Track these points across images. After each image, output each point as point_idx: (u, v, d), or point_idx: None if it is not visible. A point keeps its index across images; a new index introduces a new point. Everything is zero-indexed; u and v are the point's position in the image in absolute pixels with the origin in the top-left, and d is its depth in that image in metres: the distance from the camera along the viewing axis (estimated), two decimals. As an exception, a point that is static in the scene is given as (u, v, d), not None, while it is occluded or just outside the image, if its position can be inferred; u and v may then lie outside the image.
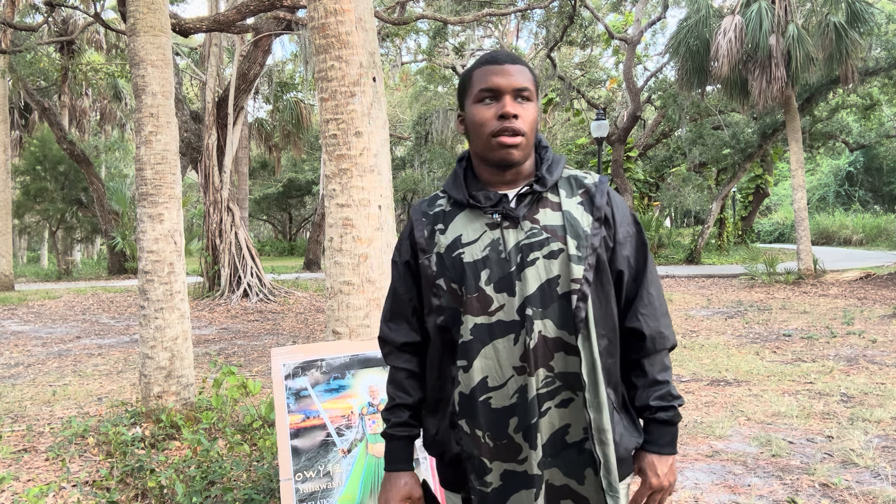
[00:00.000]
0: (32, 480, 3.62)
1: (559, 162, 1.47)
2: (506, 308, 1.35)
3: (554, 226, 1.38)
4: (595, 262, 1.37)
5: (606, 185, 1.46)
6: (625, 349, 1.47)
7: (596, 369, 1.34)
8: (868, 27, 12.76)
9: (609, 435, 1.35)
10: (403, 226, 1.51)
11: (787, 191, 33.52)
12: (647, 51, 27.29)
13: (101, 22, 12.86)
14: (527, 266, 1.35)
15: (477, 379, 1.37)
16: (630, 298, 1.46)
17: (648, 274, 1.46)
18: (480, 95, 1.39)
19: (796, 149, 13.81)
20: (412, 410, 1.53)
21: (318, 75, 3.14)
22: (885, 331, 7.82)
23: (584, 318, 1.34)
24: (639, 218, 1.51)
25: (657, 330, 1.44)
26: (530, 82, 1.40)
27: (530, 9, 17.31)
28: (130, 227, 20.02)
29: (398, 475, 1.51)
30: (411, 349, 1.54)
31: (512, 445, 1.36)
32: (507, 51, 1.45)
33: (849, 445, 3.93)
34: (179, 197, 4.78)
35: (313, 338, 8.92)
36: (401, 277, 1.53)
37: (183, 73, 15.89)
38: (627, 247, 1.45)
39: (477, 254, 1.38)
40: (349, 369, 2.44)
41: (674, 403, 1.43)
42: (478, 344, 1.36)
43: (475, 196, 1.43)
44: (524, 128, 1.37)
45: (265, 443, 3.64)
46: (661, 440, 1.43)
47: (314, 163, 35.76)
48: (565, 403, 1.36)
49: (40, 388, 6.18)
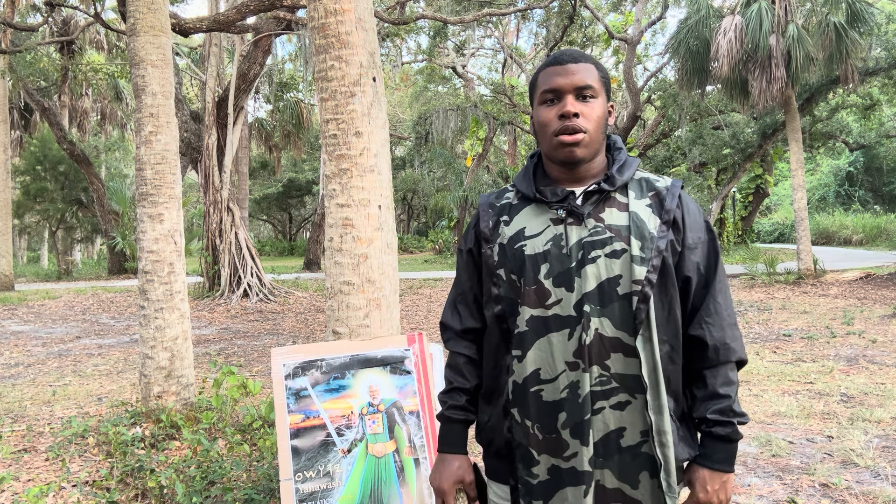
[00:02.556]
0: (32, 480, 3.62)
1: (631, 164, 1.46)
2: (563, 303, 1.36)
3: (619, 226, 1.38)
4: (660, 265, 1.35)
5: (679, 189, 1.45)
6: (688, 358, 1.43)
7: (657, 372, 1.33)
8: (868, 27, 12.76)
9: (670, 437, 1.33)
10: (472, 216, 1.58)
11: (787, 191, 33.52)
12: (647, 51, 27.29)
13: (101, 22, 12.86)
14: (587, 263, 1.35)
15: (529, 370, 1.38)
16: (696, 306, 1.43)
17: (718, 283, 1.43)
18: (543, 97, 1.42)
19: (796, 149, 13.81)
20: (469, 395, 1.55)
21: (318, 75, 3.14)
22: (885, 331, 7.82)
23: (645, 319, 1.33)
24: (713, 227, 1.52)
25: (722, 340, 1.40)
26: (595, 80, 1.40)
27: (530, 9, 17.31)
28: (130, 227, 20.03)
29: (452, 457, 1.53)
30: (471, 336, 1.56)
31: (559, 441, 1.36)
32: (573, 50, 1.45)
33: (849, 445, 3.93)
34: (179, 197, 4.78)
35: (313, 338, 8.92)
36: (464, 265, 1.56)
37: (183, 73, 15.89)
38: (697, 253, 1.42)
39: (538, 247, 1.40)
40: (349, 369, 2.44)
41: (733, 420, 1.38)
42: (532, 335, 1.37)
43: (542, 191, 1.45)
44: (586, 125, 1.38)
45: (265, 443, 3.64)
46: (716, 455, 1.38)
47: (314, 163, 35.76)
48: (622, 406, 1.34)
49: (40, 388, 6.18)
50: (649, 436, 1.34)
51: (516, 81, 26.16)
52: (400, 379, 2.45)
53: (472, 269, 1.55)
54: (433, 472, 1.54)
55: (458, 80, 28.56)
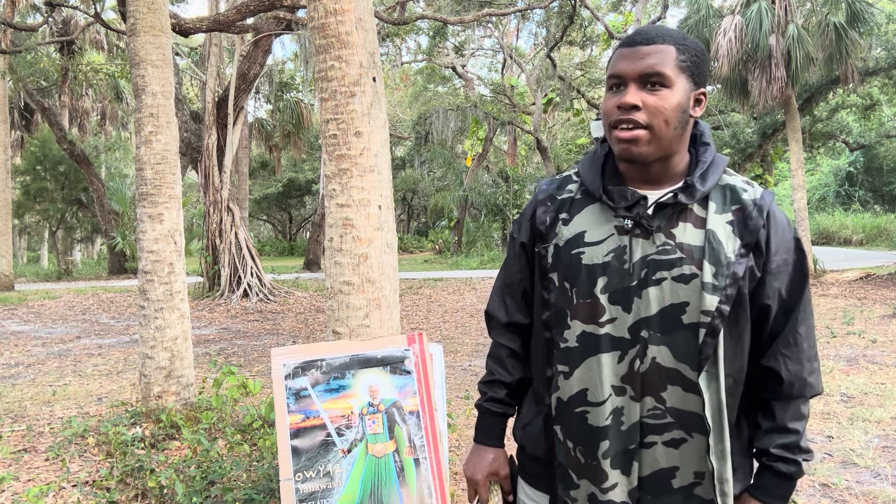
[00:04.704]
0: (32, 480, 3.62)
1: (718, 166, 1.27)
2: (617, 322, 1.23)
3: (692, 246, 1.21)
4: (735, 296, 1.19)
5: (769, 203, 1.26)
6: (756, 388, 1.29)
7: (722, 413, 1.19)
8: (868, 27, 12.77)
9: (730, 486, 1.21)
10: (528, 203, 1.44)
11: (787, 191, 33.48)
12: (647, 51, 27.22)
13: (101, 22, 12.85)
14: (651, 284, 1.21)
15: (576, 389, 1.27)
16: (774, 335, 1.26)
17: (801, 311, 1.25)
18: (609, 83, 1.25)
19: (796, 149, 13.81)
20: (509, 389, 1.47)
21: (318, 75, 3.14)
22: (885, 331, 7.82)
23: (712, 355, 1.18)
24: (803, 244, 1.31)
25: (799, 375, 1.25)
26: (671, 65, 1.20)
27: (530, 9, 17.31)
28: (130, 227, 20.02)
29: (487, 449, 1.48)
30: (517, 329, 1.47)
31: (598, 470, 1.25)
32: (655, 28, 1.25)
33: (849, 445, 3.93)
34: (179, 197, 4.78)
35: (313, 338, 8.92)
36: (515, 256, 1.44)
37: (183, 73, 15.89)
38: (781, 277, 1.25)
39: (598, 257, 1.25)
40: (349, 369, 2.43)
41: (799, 458, 1.24)
42: (582, 352, 1.25)
43: (610, 192, 1.28)
44: (649, 119, 1.20)
45: (265, 443, 3.64)
46: (773, 491, 1.26)
47: (314, 163, 35.75)
48: (676, 444, 1.22)
49: (40, 388, 6.18)
50: (704, 478, 1.22)
51: (516, 81, 26.18)
52: (400, 379, 2.45)
53: (523, 262, 1.42)
54: (468, 462, 1.48)
55: (457, 80, 28.58)
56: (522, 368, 1.47)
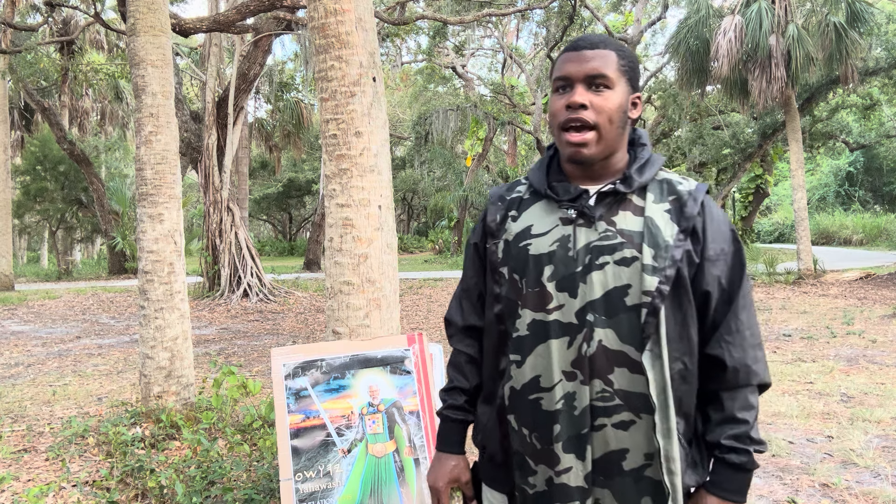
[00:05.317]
0: (32, 480, 3.62)
1: (654, 163, 1.35)
2: (564, 309, 1.28)
3: (632, 231, 1.28)
4: (673, 276, 1.25)
5: (703, 194, 1.33)
6: (704, 378, 1.33)
7: (667, 392, 1.23)
8: (868, 27, 12.77)
9: (678, 464, 1.24)
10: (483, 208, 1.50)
11: (787, 191, 33.49)
12: (647, 51, 27.30)
13: (101, 22, 12.86)
14: (594, 269, 1.27)
15: (529, 376, 1.31)
16: (716, 323, 1.32)
17: (741, 298, 1.31)
18: (555, 84, 1.33)
19: (796, 149, 13.81)
20: (468, 395, 1.50)
21: (318, 75, 3.14)
22: (885, 331, 7.82)
23: (654, 334, 1.24)
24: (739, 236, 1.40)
25: (742, 362, 1.29)
26: (612, 68, 1.29)
27: (530, 9, 17.31)
28: (130, 227, 20.02)
29: (448, 457, 1.49)
30: (473, 333, 1.50)
31: (551, 454, 1.29)
32: (594, 35, 1.34)
33: (849, 445, 3.93)
34: (179, 197, 4.78)
35: (313, 338, 8.92)
36: (471, 260, 1.50)
37: (183, 73, 15.89)
38: (719, 266, 1.31)
39: (543, 247, 1.32)
40: (349, 369, 2.44)
41: (750, 448, 1.27)
42: (533, 340, 1.31)
43: (554, 187, 1.36)
44: (596, 119, 1.28)
45: (265, 443, 3.64)
46: (728, 484, 1.28)
47: (314, 163, 35.76)
48: (625, 426, 1.26)
49: (40, 388, 6.18)
50: (654, 460, 1.26)
51: (516, 81, 26.17)
52: (400, 379, 2.45)
53: (478, 264, 1.48)
54: (430, 470, 1.50)
55: (458, 80, 28.58)
56: (480, 374, 1.50)
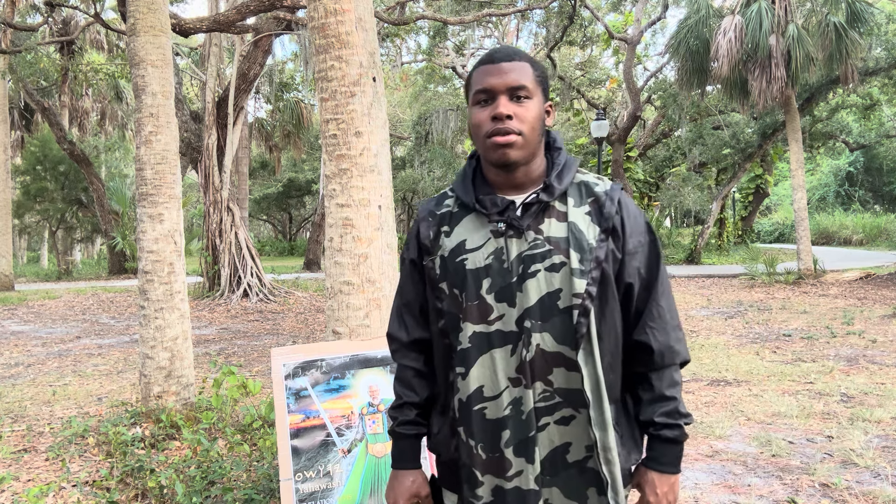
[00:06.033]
0: (32, 480, 3.62)
1: (570, 167, 1.41)
2: (505, 318, 1.33)
3: (558, 238, 1.34)
4: (599, 277, 1.32)
5: (618, 193, 1.40)
6: (631, 362, 1.41)
7: (600, 387, 1.31)
8: (868, 27, 12.77)
9: (615, 453, 1.31)
10: (412, 222, 1.50)
11: (787, 191, 33.50)
12: (647, 51, 27.28)
13: (101, 22, 12.86)
14: (528, 278, 1.32)
15: (473, 387, 1.35)
16: (640, 311, 1.40)
17: (660, 285, 1.40)
18: (476, 97, 1.37)
19: (796, 149, 13.81)
20: (419, 409, 1.51)
21: (318, 75, 3.14)
22: (885, 331, 7.82)
23: (586, 333, 1.31)
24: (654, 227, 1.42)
25: (666, 344, 1.38)
26: (530, 79, 1.35)
27: (530, 9, 17.31)
28: (130, 227, 20.02)
29: (405, 473, 1.51)
30: (419, 347, 1.52)
31: (502, 460, 1.33)
32: (507, 48, 1.39)
33: (849, 445, 3.93)
34: (179, 197, 4.78)
35: (313, 338, 8.92)
36: (408, 275, 1.51)
37: (183, 73, 15.89)
38: (638, 257, 1.39)
39: (480, 261, 1.36)
40: (349, 369, 2.44)
41: (680, 422, 1.38)
42: (475, 352, 1.34)
43: (482, 201, 1.39)
44: (520, 127, 1.33)
45: (265, 443, 3.64)
46: (664, 458, 1.39)
47: (314, 163, 35.75)
48: (566, 421, 1.33)
49: (40, 388, 6.18)
50: (594, 451, 1.32)
51: (516, 81, 26.09)
52: (400, 379, 2.44)
53: (416, 278, 1.50)
54: (388, 489, 1.51)
55: (458, 80, 28.57)
56: (429, 386, 1.51)
